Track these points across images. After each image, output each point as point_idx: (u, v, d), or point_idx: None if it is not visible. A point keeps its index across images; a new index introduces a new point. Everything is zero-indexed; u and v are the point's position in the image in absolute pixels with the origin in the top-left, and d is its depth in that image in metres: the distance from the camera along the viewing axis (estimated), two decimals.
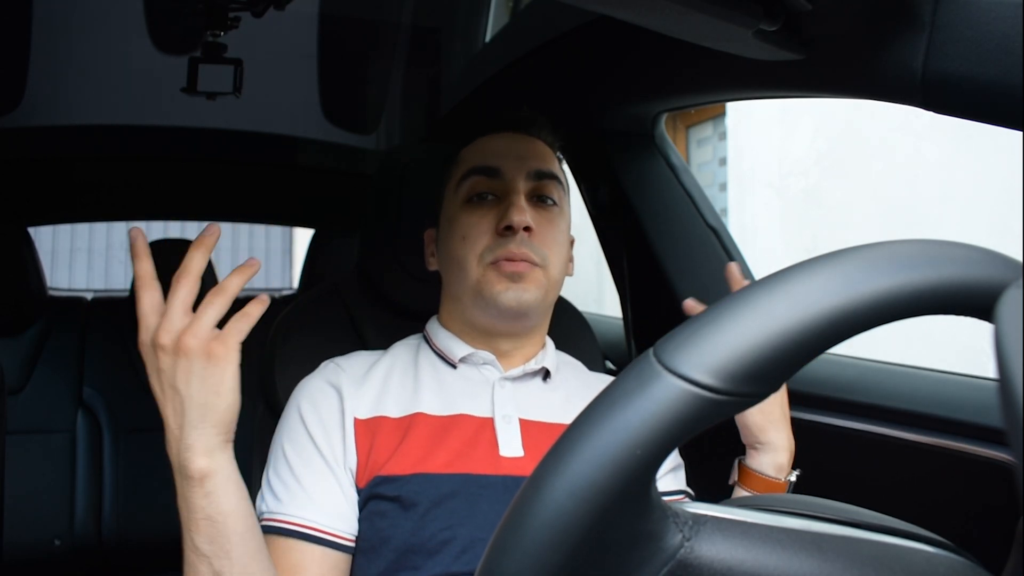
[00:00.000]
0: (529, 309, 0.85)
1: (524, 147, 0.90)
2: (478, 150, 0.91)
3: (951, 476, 0.84)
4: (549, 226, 0.87)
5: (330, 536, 0.77)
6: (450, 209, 0.90)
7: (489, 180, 0.87)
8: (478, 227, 0.86)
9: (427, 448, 0.81)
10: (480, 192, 0.87)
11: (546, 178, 0.89)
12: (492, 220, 0.85)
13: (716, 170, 3.76)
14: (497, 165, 0.88)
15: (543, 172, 0.89)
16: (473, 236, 0.85)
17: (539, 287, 0.85)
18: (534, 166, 0.88)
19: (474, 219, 0.86)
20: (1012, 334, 0.28)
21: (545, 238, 0.86)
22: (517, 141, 0.91)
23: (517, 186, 0.86)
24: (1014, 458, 0.28)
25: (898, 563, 0.38)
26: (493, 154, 0.89)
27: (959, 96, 0.62)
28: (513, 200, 0.85)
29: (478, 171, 0.88)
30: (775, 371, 0.34)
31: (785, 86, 0.85)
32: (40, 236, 2.35)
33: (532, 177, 0.88)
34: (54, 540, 1.92)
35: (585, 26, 0.97)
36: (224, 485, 0.65)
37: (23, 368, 1.98)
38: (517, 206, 0.84)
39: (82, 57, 1.51)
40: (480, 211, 0.87)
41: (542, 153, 0.91)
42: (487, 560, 0.36)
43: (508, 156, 0.89)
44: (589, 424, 0.35)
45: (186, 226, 6.14)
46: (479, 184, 0.88)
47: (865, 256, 0.35)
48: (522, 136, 0.92)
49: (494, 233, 0.85)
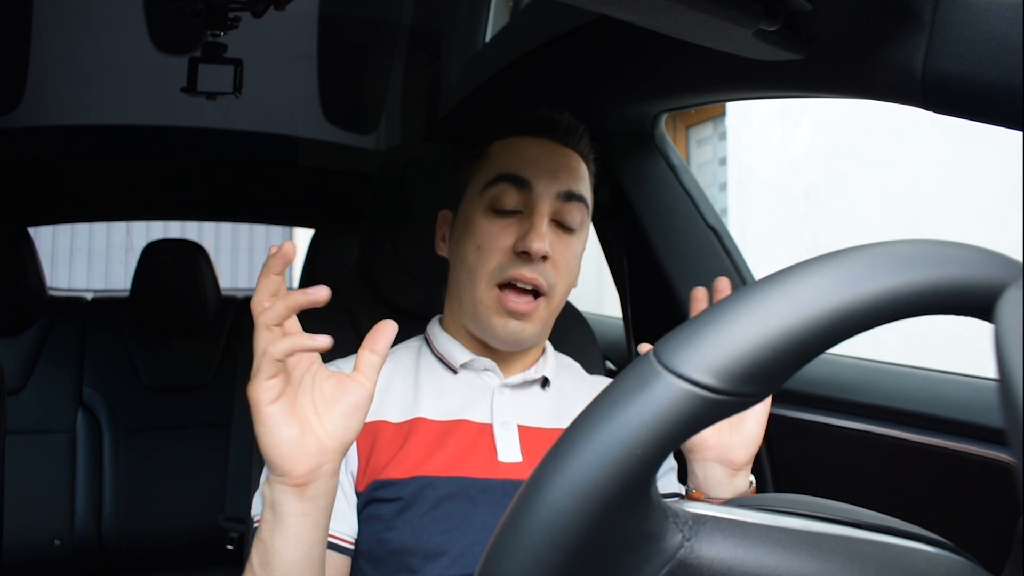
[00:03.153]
0: (526, 342, 0.86)
1: (559, 160, 0.87)
2: (510, 153, 0.87)
3: (951, 476, 0.84)
4: (565, 251, 0.86)
5: (332, 539, 0.77)
6: (470, 209, 0.88)
7: (517, 192, 0.85)
8: (495, 241, 0.84)
9: (427, 452, 0.81)
10: (505, 206, 0.85)
11: (574, 199, 0.86)
12: (511, 236, 0.84)
13: (716, 170, 3.76)
14: (528, 176, 0.85)
15: (573, 193, 0.86)
16: (488, 249, 0.84)
17: (539, 322, 0.85)
18: (565, 185, 0.86)
19: (494, 231, 0.84)
20: (1012, 334, 0.28)
21: (559, 264, 0.85)
22: (552, 152, 0.88)
23: (543, 207, 0.84)
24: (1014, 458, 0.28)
25: (898, 563, 0.38)
26: (526, 163, 0.86)
27: (959, 96, 0.62)
28: (536, 223, 0.82)
29: (508, 179, 0.85)
30: (775, 371, 0.34)
31: (785, 86, 0.85)
32: (40, 236, 2.35)
33: (561, 198, 0.85)
34: (54, 540, 1.92)
35: (585, 26, 0.97)
36: (279, 526, 0.61)
37: (23, 368, 1.98)
38: (539, 232, 0.82)
39: (82, 57, 1.51)
40: (501, 223, 0.85)
41: (575, 169, 0.88)
42: (487, 560, 0.36)
43: (541, 169, 0.85)
44: (589, 424, 0.35)
45: (186, 226, 6.16)
46: (506, 194, 0.85)
47: (865, 256, 0.35)
48: (558, 146, 0.88)
49: (510, 251, 0.83)
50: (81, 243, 6.82)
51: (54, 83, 1.61)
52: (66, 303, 2.11)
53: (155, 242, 2.16)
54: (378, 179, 1.09)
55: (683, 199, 1.25)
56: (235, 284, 6.85)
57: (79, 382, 2.03)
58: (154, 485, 2.03)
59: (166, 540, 2.03)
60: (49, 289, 2.10)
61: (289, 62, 1.58)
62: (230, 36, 1.22)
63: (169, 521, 2.03)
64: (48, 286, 2.09)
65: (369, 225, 1.09)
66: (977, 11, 0.59)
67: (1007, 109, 0.59)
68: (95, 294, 2.24)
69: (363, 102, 1.85)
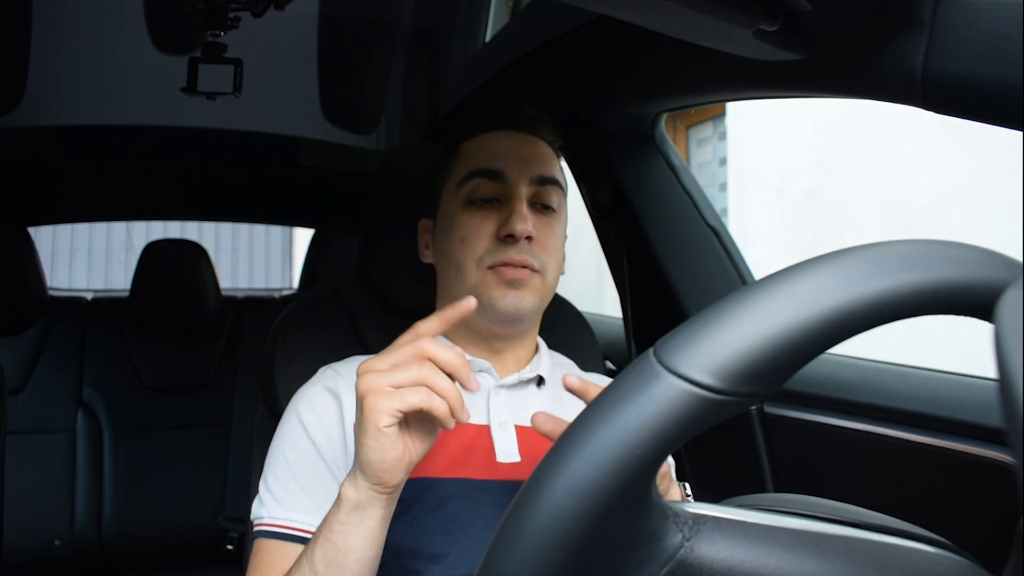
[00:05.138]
0: (526, 315, 0.86)
1: (527, 149, 0.90)
2: (480, 149, 0.90)
3: (951, 476, 0.84)
4: (549, 232, 0.87)
5: None
6: (449, 207, 0.89)
7: (492, 183, 0.87)
8: (478, 230, 0.85)
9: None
10: (482, 195, 0.87)
11: (548, 183, 0.88)
12: (493, 224, 0.85)
13: (716, 170, 3.76)
14: (500, 168, 0.87)
15: (545, 177, 0.88)
16: (472, 239, 0.85)
17: (536, 293, 0.85)
18: (537, 170, 0.88)
19: (474, 221, 0.86)
20: (1012, 334, 0.28)
21: (545, 244, 0.86)
22: (520, 142, 0.90)
23: (520, 192, 0.86)
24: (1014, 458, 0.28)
25: (898, 563, 0.38)
26: (496, 155, 0.88)
27: (959, 96, 0.62)
28: (515, 207, 0.84)
29: (481, 173, 0.87)
30: (775, 371, 0.34)
31: (785, 86, 0.85)
32: (40, 236, 2.35)
33: (535, 182, 0.87)
34: (54, 540, 1.92)
35: (585, 26, 0.97)
36: (359, 528, 0.66)
37: (23, 368, 1.99)
38: (519, 214, 0.83)
39: (82, 57, 1.51)
40: (481, 214, 0.86)
41: (544, 155, 0.91)
42: (487, 560, 0.36)
43: (511, 159, 0.88)
44: (589, 424, 0.35)
45: (186, 226, 6.15)
46: (481, 187, 0.87)
47: (865, 256, 0.35)
48: (525, 136, 0.91)
49: (494, 238, 0.84)
50: (81, 243, 6.82)
51: (54, 83, 1.61)
52: (66, 303, 2.11)
53: (155, 242, 2.16)
54: (378, 179, 1.09)
55: (683, 199, 1.25)
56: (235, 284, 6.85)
57: (79, 382, 2.03)
58: (154, 485, 2.03)
59: (166, 540, 2.03)
60: (49, 289, 2.10)
61: (289, 62, 1.58)
62: (230, 36, 1.22)
63: (169, 521, 2.03)
64: (48, 286, 2.09)
65: (369, 225, 1.09)
66: (977, 11, 0.59)
67: (1007, 109, 0.59)
68: (95, 294, 2.25)
69: (363, 102, 1.85)
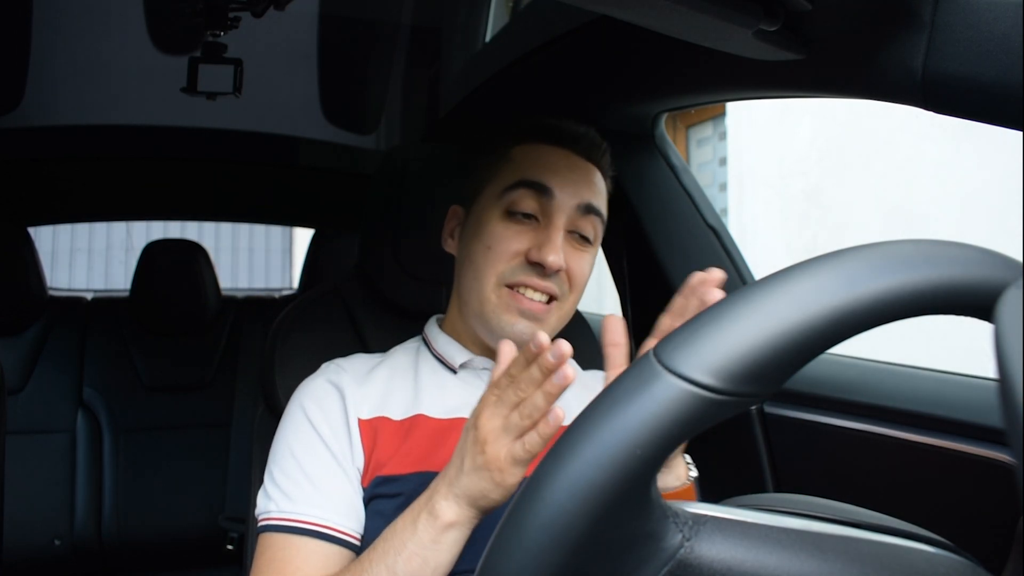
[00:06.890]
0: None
1: (581, 173, 0.87)
2: (533, 160, 0.87)
3: (951, 476, 0.84)
4: (579, 264, 0.86)
5: (343, 535, 0.77)
6: (486, 209, 0.87)
7: (537, 199, 0.84)
8: (508, 244, 0.84)
9: (428, 449, 0.81)
10: (523, 210, 0.85)
11: (592, 213, 0.87)
12: (525, 243, 0.83)
13: (716, 170, 3.76)
14: (550, 185, 0.84)
15: (592, 206, 0.86)
16: (499, 251, 0.84)
17: (550, 325, 0.84)
18: (587, 197, 0.86)
19: (508, 234, 0.84)
20: (1012, 334, 0.28)
21: (573, 275, 0.85)
22: (575, 164, 0.88)
23: (561, 218, 0.84)
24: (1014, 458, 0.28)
25: (898, 563, 0.38)
26: (548, 171, 0.86)
27: (959, 96, 0.62)
28: (552, 236, 0.82)
29: (529, 185, 0.85)
30: (775, 371, 0.34)
31: (785, 86, 0.85)
32: (40, 236, 2.35)
33: (580, 210, 0.85)
34: (54, 540, 1.92)
35: (585, 26, 0.97)
36: (452, 547, 0.67)
37: (23, 368, 1.99)
38: (555, 245, 0.82)
39: (82, 57, 1.51)
40: (516, 227, 0.84)
41: (596, 184, 0.89)
42: (487, 559, 0.36)
43: (564, 179, 0.85)
44: (589, 424, 0.35)
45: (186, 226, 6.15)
46: (525, 199, 0.85)
47: (865, 256, 0.35)
48: (581, 159, 0.88)
49: (523, 257, 0.83)
50: (81, 243, 6.82)
51: (54, 83, 1.61)
52: (66, 303, 2.11)
53: (155, 242, 2.16)
54: (378, 179, 1.09)
55: (683, 199, 1.25)
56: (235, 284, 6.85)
57: (79, 382, 2.03)
58: (154, 485, 2.03)
59: (166, 540, 2.03)
60: (49, 289, 2.10)
61: (289, 62, 1.58)
62: (230, 36, 1.22)
63: (169, 521, 2.03)
64: (48, 286, 2.09)
65: (369, 225, 1.09)
66: (977, 11, 0.59)
67: (1007, 109, 0.59)
68: (95, 294, 2.25)
69: (363, 102, 1.85)
